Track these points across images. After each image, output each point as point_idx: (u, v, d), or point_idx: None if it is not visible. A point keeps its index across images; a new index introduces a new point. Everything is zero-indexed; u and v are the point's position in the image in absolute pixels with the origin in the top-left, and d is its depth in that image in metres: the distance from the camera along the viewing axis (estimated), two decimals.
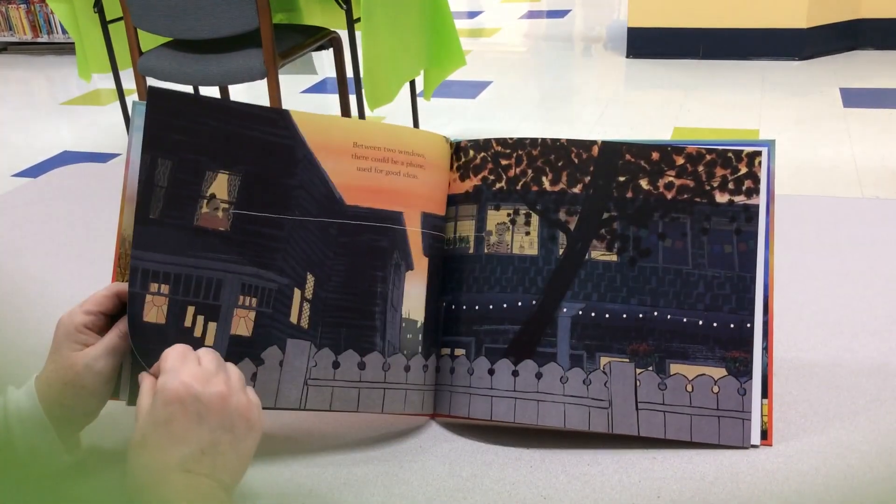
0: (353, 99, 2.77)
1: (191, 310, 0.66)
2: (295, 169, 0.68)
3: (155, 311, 0.65)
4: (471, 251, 0.72)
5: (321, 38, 2.69)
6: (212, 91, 3.42)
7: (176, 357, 0.58)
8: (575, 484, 0.64)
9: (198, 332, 0.66)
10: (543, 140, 0.72)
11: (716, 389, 0.67)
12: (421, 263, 0.71)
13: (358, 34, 2.57)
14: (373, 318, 0.69)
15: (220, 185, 0.67)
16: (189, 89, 3.26)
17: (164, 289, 0.65)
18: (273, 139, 0.68)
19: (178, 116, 0.67)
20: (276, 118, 0.68)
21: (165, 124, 0.66)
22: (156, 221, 0.66)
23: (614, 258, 0.70)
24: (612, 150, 0.71)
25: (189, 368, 0.57)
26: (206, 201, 0.67)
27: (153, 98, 0.66)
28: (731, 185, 0.69)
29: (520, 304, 0.70)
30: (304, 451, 0.69)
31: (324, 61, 4.54)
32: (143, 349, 0.65)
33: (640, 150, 0.70)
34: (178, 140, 0.66)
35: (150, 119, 0.66)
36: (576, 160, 0.71)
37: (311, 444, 0.70)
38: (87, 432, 0.66)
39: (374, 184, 0.70)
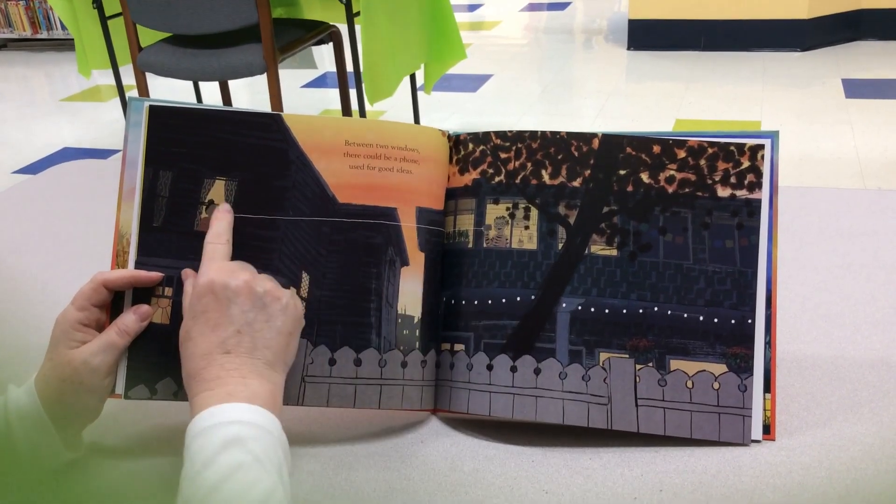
0: (353, 93, 2.77)
1: None
2: (288, 171, 0.70)
3: (160, 312, 0.67)
4: (470, 245, 0.71)
5: (321, 32, 2.69)
6: (212, 86, 3.41)
7: (205, 259, 0.65)
8: (577, 478, 0.64)
9: None
10: (543, 133, 0.71)
11: (716, 386, 0.67)
12: (417, 258, 0.71)
13: (357, 28, 2.57)
14: (367, 315, 0.69)
15: (217, 191, 0.69)
16: (189, 84, 3.26)
17: (168, 291, 0.68)
18: (266, 143, 0.70)
19: (177, 130, 0.69)
20: (269, 122, 0.70)
21: (165, 139, 0.69)
22: (158, 229, 0.68)
23: (614, 253, 0.69)
24: (613, 143, 0.70)
25: (216, 264, 0.64)
26: (205, 207, 0.69)
27: (153, 115, 0.69)
28: (733, 179, 0.69)
29: (518, 298, 0.69)
30: (306, 446, 0.69)
31: (324, 56, 4.54)
32: (145, 349, 0.66)
33: (641, 143, 0.70)
34: (177, 152, 0.69)
35: (151, 134, 0.69)
36: (576, 153, 0.71)
37: (312, 439, 0.69)
38: (88, 430, 0.66)
39: (366, 181, 0.70)
